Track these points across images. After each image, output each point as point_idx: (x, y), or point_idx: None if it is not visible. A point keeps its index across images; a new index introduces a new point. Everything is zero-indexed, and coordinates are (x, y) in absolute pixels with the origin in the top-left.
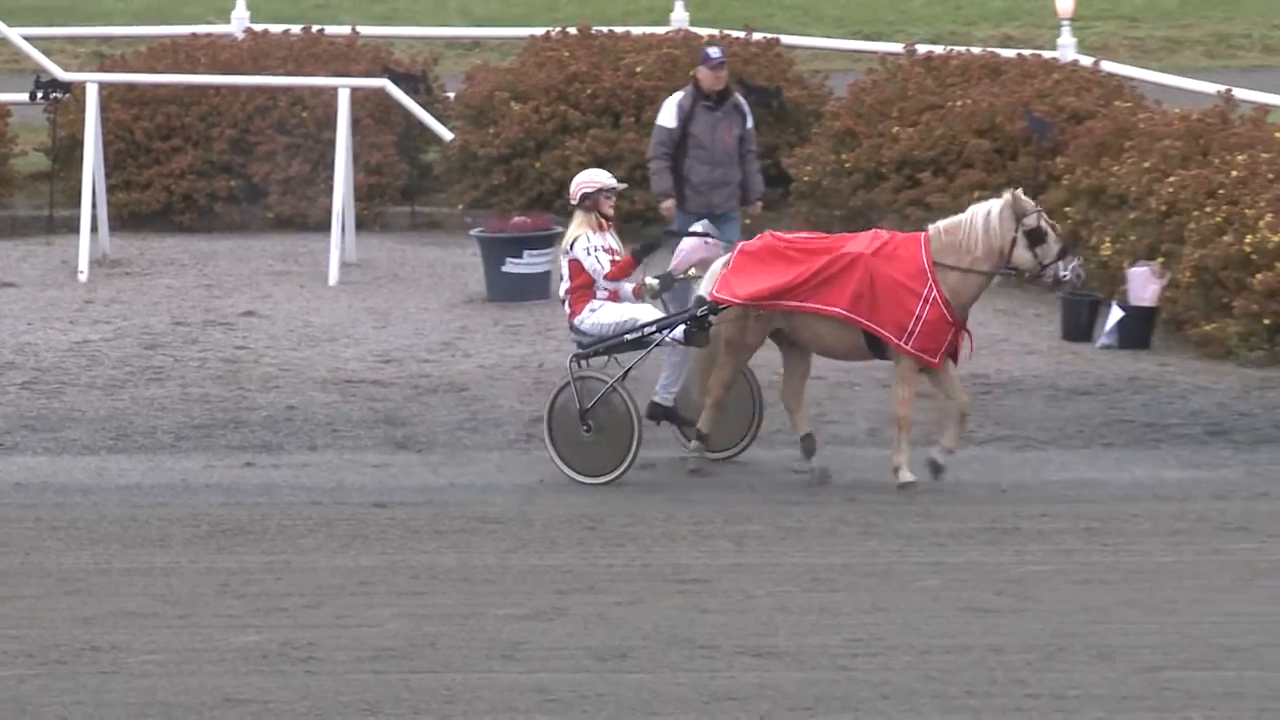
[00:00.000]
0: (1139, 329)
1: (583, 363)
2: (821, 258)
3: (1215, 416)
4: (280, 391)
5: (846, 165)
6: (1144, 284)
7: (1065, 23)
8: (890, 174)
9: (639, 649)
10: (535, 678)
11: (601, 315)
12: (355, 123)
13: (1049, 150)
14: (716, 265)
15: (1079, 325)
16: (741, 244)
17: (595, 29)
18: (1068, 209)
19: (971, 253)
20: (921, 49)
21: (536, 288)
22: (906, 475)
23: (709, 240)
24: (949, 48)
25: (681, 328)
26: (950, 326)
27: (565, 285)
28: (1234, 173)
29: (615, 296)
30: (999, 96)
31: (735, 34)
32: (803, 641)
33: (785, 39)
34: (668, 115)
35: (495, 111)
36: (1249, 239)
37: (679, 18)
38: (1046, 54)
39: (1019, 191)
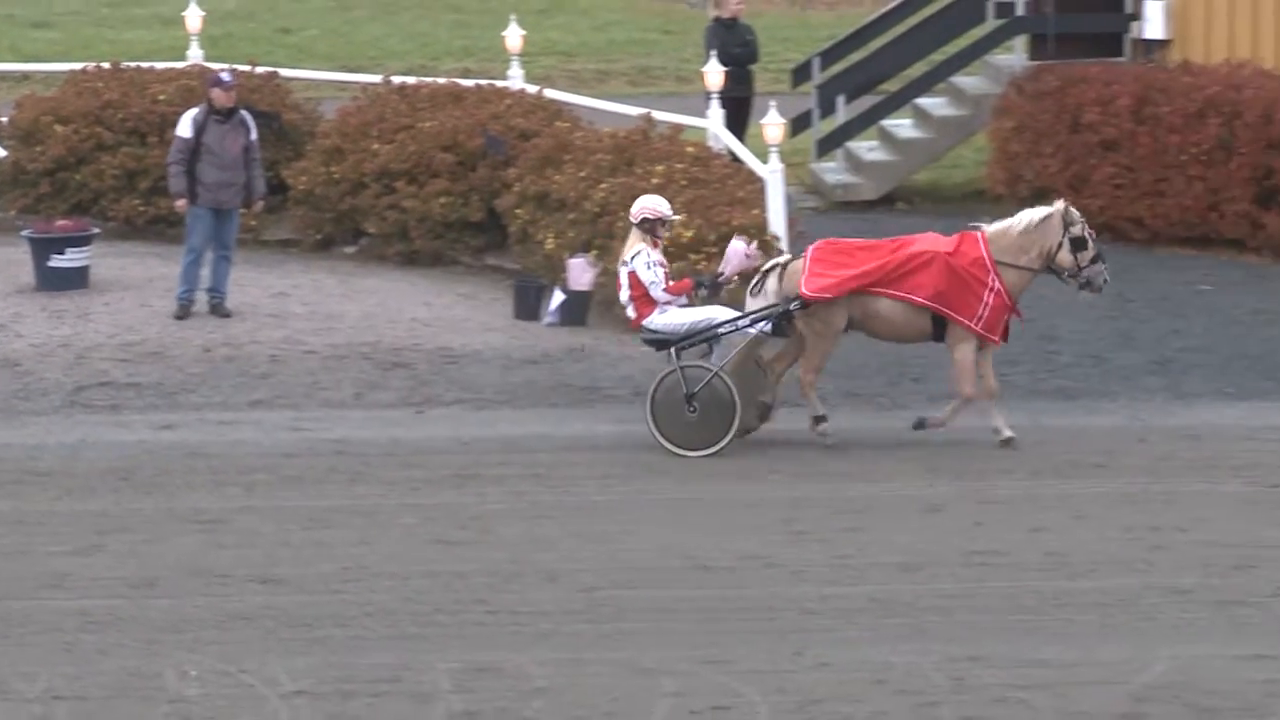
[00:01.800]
0: (577, 309)
1: (682, 353)
2: (900, 253)
3: (640, 381)
4: None
5: (335, 176)
6: (581, 272)
7: (515, 58)
8: (371, 183)
9: (165, 578)
10: (79, 603)
11: (671, 316)
12: None
13: (502, 162)
14: (772, 268)
15: (528, 306)
16: (810, 249)
17: (125, 64)
18: (518, 211)
19: (1027, 252)
20: (396, 79)
21: (77, 280)
22: (1006, 433)
23: (749, 253)
24: (419, 78)
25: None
26: (1008, 311)
27: (626, 294)
28: (654, 180)
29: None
30: (461, 118)
31: (242, 68)
32: (302, 570)
33: (284, 72)
34: (184, 127)
35: (41, 133)
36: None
37: (195, 54)
38: (499, 83)
39: (1069, 204)
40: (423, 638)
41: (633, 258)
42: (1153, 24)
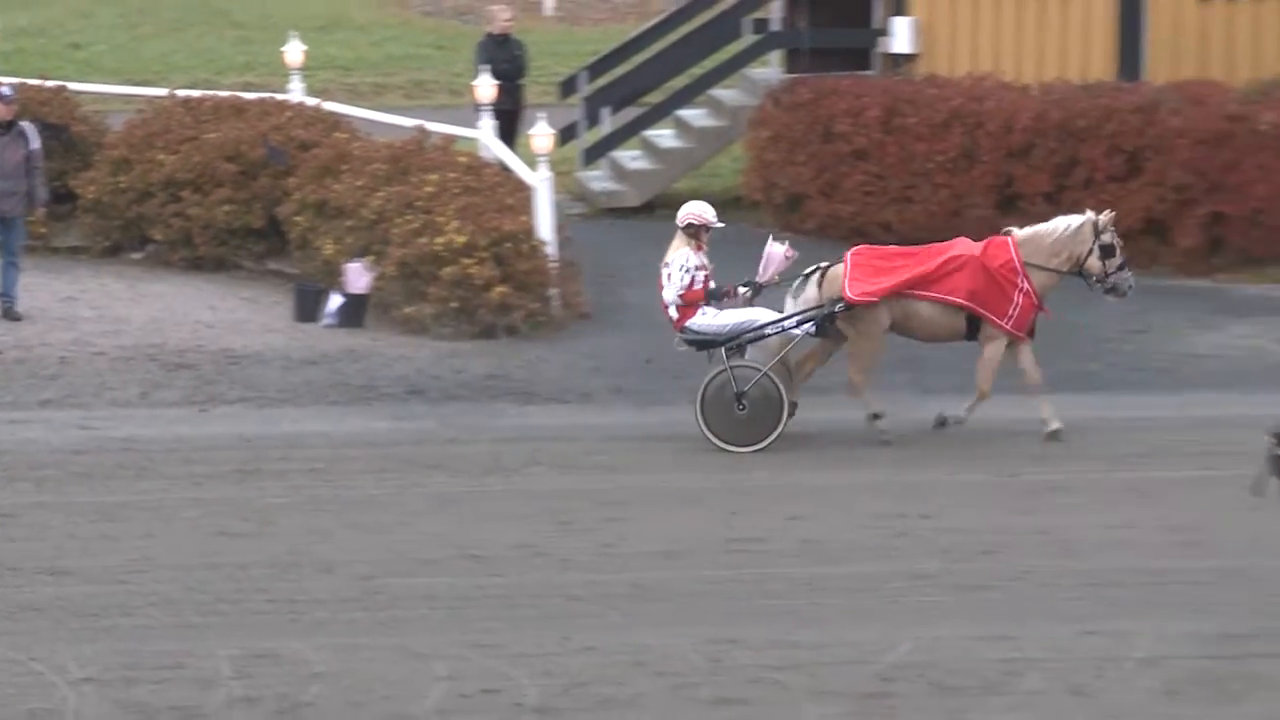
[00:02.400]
0: (355, 312)
1: (733, 353)
2: (936, 257)
3: (414, 380)
4: None
5: (122, 185)
6: (358, 276)
7: (295, 72)
8: (158, 192)
9: None
10: None
11: (713, 318)
12: None
13: (283, 172)
14: (813, 272)
15: (308, 309)
16: (848, 254)
17: None
18: (298, 218)
19: (1058, 256)
20: (181, 93)
21: None
22: (1054, 424)
23: (787, 254)
24: (203, 92)
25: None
26: (1035, 310)
27: (669, 294)
28: (428, 189)
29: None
30: (243, 130)
31: (33, 82)
32: (90, 562)
33: (73, 85)
34: None
35: None
36: (439, 240)
37: None
38: (280, 96)
39: (1103, 213)
40: (205, 626)
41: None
42: (900, 39)
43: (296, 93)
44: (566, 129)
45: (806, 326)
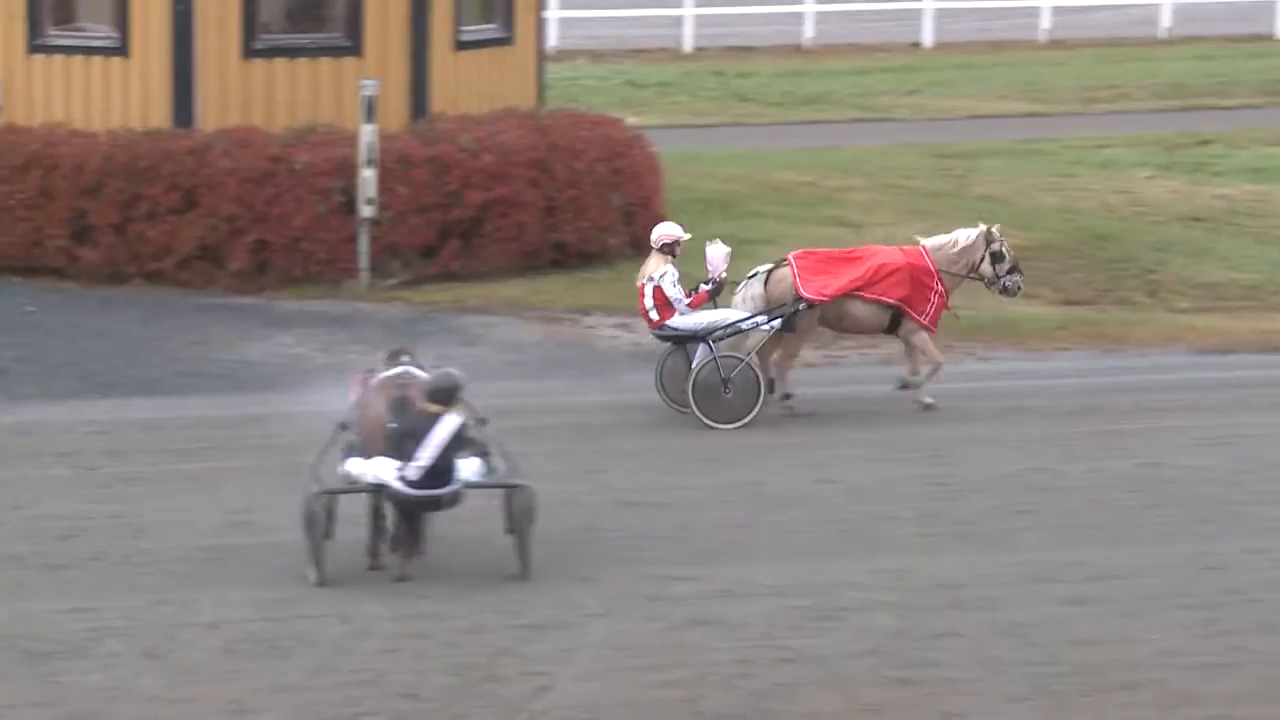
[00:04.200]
0: None
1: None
2: (870, 262)
3: None
4: None
5: None
6: None
7: None
8: None
9: None
10: None
11: (690, 318)
12: None
13: None
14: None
15: None
16: (791, 258)
17: None
18: None
19: (958, 263)
20: None
21: None
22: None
23: (725, 254)
24: None
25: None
26: (944, 307)
27: (650, 301)
28: None
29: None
30: None
31: None
32: None
33: None
34: None
35: None
36: None
37: None
38: None
39: (993, 226)
40: None
41: (660, 276)
42: None
43: None
44: None
45: (775, 322)
